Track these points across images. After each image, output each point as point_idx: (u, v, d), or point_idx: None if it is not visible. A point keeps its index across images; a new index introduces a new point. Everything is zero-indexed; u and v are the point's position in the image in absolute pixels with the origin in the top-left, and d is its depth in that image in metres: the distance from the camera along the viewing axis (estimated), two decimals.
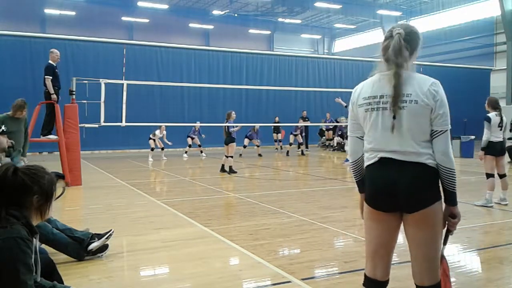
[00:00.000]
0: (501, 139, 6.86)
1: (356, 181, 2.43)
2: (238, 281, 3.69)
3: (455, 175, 2.16)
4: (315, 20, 37.62)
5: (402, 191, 2.13)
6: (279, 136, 19.58)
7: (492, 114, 6.80)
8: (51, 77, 9.22)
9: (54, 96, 9.27)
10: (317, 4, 30.10)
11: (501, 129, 6.83)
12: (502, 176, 7.02)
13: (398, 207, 2.19)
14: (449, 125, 2.17)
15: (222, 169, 11.58)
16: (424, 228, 2.16)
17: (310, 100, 22.59)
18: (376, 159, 2.22)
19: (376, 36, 34.90)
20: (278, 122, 19.15)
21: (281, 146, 19.57)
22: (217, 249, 4.60)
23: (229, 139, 11.35)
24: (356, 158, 2.37)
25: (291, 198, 7.87)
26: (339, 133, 19.04)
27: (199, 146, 16.93)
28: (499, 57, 28.03)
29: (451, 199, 2.20)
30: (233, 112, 11.65)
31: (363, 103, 2.25)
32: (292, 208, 6.70)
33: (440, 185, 2.18)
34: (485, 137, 6.79)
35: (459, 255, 4.44)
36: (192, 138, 16.80)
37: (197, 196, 8.01)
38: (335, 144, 19.56)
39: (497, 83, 27.14)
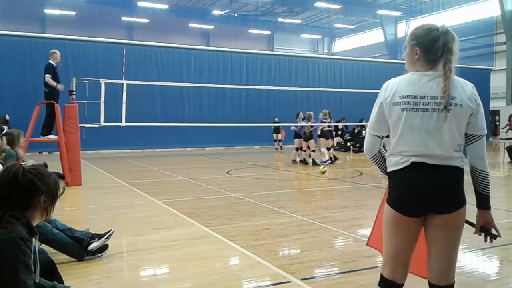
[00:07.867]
0: None
1: (384, 172, 2.35)
2: (238, 281, 3.69)
3: (490, 178, 2.19)
4: (315, 20, 37.66)
5: (438, 193, 2.10)
6: (279, 136, 19.58)
7: None
8: (50, 75, 9.30)
9: (60, 85, 9.46)
10: (317, 4, 30.14)
11: None
12: None
13: (429, 209, 2.16)
14: (486, 130, 2.17)
15: (305, 162, 13.49)
16: (453, 229, 2.17)
17: (310, 100, 22.58)
18: (408, 163, 2.13)
19: (376, 36, 34.93)
20: (278, 122, 19.14)
21: (281, 146, 19.57)
22: (217, 249, 4.59)
23: (308, 136, 13.47)
24: (373, 154, 2.34)
25: (291, 198, 7.87)
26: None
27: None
28: (499, 57, 28.05)
29: (486, 203, 2.22)
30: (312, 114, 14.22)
31: (399, 102, 2.12)
32: (292, 208, 6.69)
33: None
34: None
35: (459, 255, 4.43)
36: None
37: (197, 196, 8.00)
38: (335, 144, 19.53)
39: (497, 83, 27.15)
